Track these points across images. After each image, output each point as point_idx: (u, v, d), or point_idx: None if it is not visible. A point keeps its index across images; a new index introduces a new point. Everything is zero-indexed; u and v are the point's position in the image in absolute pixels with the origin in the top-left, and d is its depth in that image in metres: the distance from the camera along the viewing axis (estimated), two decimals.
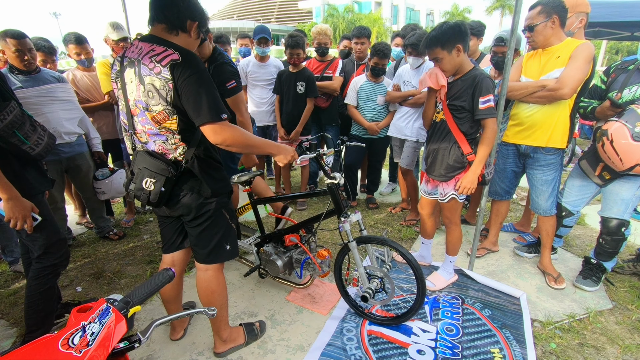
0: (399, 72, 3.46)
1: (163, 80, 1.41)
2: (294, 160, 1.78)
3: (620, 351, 2.03)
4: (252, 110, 3.88)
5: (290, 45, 3.41)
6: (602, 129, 2.18)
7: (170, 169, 1.51)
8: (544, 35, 2.30)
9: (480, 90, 2.04)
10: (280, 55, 5.21)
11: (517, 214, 3.87)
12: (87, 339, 0.77)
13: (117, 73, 1.58)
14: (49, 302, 1.98)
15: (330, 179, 2.04)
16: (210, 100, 1.42)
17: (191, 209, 1.64)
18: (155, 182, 1.52)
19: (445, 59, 2.09)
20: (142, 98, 1.47)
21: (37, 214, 1.80)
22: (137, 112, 1.54)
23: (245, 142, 1.55)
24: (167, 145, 1.55)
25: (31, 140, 1.84)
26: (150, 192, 1.54)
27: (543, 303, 2.43)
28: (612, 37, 6.77)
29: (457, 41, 2.03)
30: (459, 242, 2.49)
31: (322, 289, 2.54)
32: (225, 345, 1.96)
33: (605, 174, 2.35)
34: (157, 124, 1.49)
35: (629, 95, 2.24)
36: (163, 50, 1.42)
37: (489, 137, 2.11)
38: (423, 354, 1.97)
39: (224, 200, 1.74)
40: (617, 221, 2.40)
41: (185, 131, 1.52)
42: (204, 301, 1.83)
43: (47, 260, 1.92)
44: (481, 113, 2.07)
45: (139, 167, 1.56)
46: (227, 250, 1.79)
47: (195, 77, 1.40)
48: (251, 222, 3.42)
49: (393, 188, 4.56)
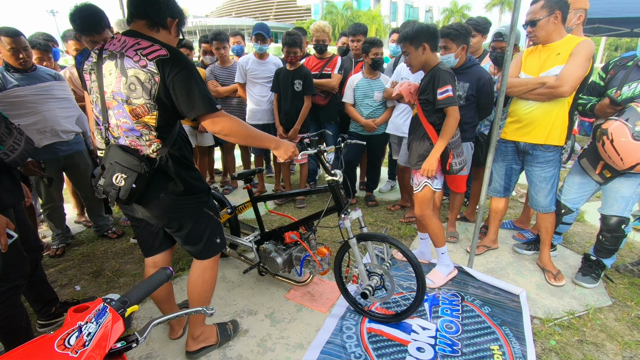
0: (397, 69, 3.45)
1: (149, 74, 1.41)
2: (294, 157, 1.78)
3: (619, 348, 2.03)
4: (251, 108, 3.87)
5: (287, 43, 3.40)
6: (602, 128, 2.17)
7: (144, 165, 1.47)
8: (546, 30, 2.28)
9: (437, 82, 2.22)
10: (279, 53, 5.19)
11: (517, 210, 3.87)
12: (84, 340, 0.76)
13: (92, 65, 1.55)
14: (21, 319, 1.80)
15: (331, 175, 2.04)
16: (203, 93, 1.45)
17: (165, 209, 1.61)
18: (126, 177, 1.47)
19: (412, 54, 2.29)
20: (123, 90, 1.45)
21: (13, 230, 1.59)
22: (114, 105, 1.50)
23: (243, 132, 1.57)
24: (140, 142, 1.53)
25: (6, 145, 1.68)
26: (121, 188, 1.49)
27: (542, 300, 2.43)
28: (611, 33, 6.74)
29: (424, 40, 2.22)
30: (440, 232, 2.52)
31: (322, 287, 2.53)
32: (197, 344, 1.94)
33: (605, 172, 2.34)
34: (135, 118, 1.48)
35: (629, 92, 2.23)
36: (149, 44, 1.44)
37: (448, 124, 2.24)
38: (423, 351, 1.97)
39: (203, 199, 1.73)
40: (617, 218, 2.40)
41: (163, 128, 1.52)
42: (191, 288, 1.83)
43: (7, 282, 1.69)
44: (440, 103, 2.23)
45: (110, 162, 1.51)
46: (217, 243, 1.82)
47: (185, 72, 1.42)
48: (251, 219, 3.41)
49: (392, 185, 4.55)
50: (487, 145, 2.93)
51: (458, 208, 3.22)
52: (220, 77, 3.99)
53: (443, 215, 3.61)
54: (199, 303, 1.85)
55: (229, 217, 2.65)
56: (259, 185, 4.31)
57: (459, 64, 2.78)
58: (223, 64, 4.00)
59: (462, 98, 2.81)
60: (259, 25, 3.74)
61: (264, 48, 3.72)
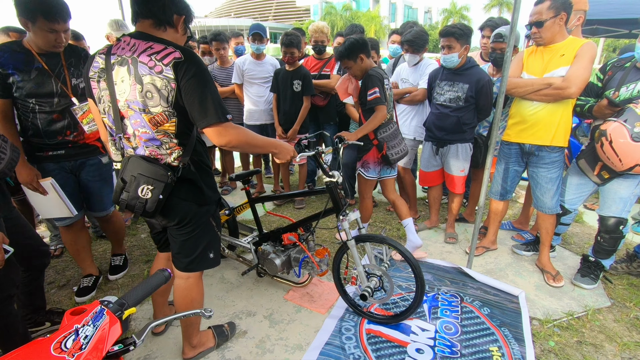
0: (397, 70, 3.45)
1: (165, 80, 1.35)
2: (292, 159, 1.77)
3: (618, 349, 2.03)
4: (249, 108, 3.87)
5: (285, 43, 3.40)
6: (601, 129, 2.17)
7: (170, 175, 1.42)
8: (552, 31, 2.28)
9: (366, 85, 2.53)
10: (278, 54, 5.18)
11: (515, 211, 3.87)
12: (81, 343, 0.76)
13: (100, 71, 1.46)
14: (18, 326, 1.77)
15: (329, 177, 2.03)
16: (216, 101, 1.38)
17: (186, 218, 1.58)
18: (153, 189, 1.42)
19: (353, 67, 2.57)
20: (139, 99, 1.38)
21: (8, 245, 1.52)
22: (130, 114, 1.43)
23: (249, 142, 1.52)
24: (160, 151, 1.47)
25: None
26: (147, 200, 1.42)
27: (542, 301, 2.43)
28: (609, 34, 6.75)
29: (359, 52, 2.51)
30: (366, 213, 2.95)
31: (321, 288, 2.53)
32: (194, 351, 1.92)
33: (604, 174, 2.34)
34: (155, 127, 1.42)
35: (627, 93, 2.23)
36: (163, 48, 1.36)
37: (375, 117, 2.53)
38: (422, 352, 1.97)
39: (213, 207, 1.70)
40: (615, 219, 2.40)
41: (183, 134, 1.47)
42: (182, 310, 1.74)
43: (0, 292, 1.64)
44: (369, 103, 2.52)
45: (132, 174, 1.44)
46: (210, 258, 1.73)
47: (199, 76, 1.35)
48: (250, 220, 3.41)
49: None
50: (486, 146, 2.93)
51: (457, 209, 3.22)
52: (220, 78, 3.98)
53: (442, 216, 3.61)
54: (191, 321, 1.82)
55: (227, 219, 2.65)
56: (257, 185, 4.30)
57: (459, 64, 2.78)
58: (222, 64, 4.00)
59: (462, 99, 2.81)
60: (255, 25, 3.76)
61: (261, 48, 3.73)
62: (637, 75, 2.22)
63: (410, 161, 3.45)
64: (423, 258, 2.90)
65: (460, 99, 2.81)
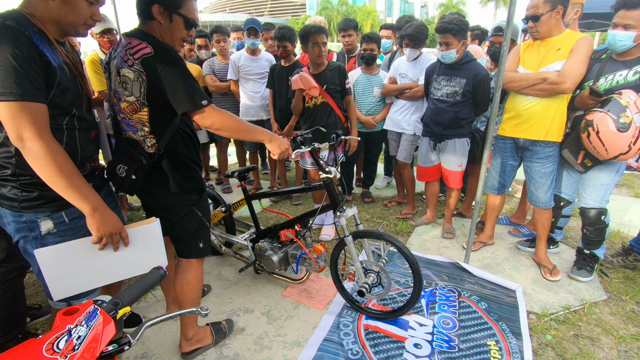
0: (394, 65, 3.42)
1: (136, 72, 1.45)
2: (288, 155, 1.76)
3: (614, 342, 2.04)
4: (244, 104, 3.83)
5: (277, 37, 3.37)
6: (587, 119, 2.18)
7: (142, 159, 1.55)
8: (548, 25, 2.27)
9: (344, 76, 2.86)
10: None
11: (512, 206, 3.88)
12: (74, 343, 0.74)
13: (105, 65, 1.64)
14: (20, 303, 1.90)
15: (326, 173, 2.02)
16: (189, 89, 1.46)
17: (165, 206, 1.69)
18: (127, 169, 1.57)
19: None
20: (118, 89, 1.53)
21: None
22: (114, 102, 1.60)
23: (234, 125, 1.59)
24: (136, 137, 1.59)
25: None
26: (122, 178, 1.59)
27: (538, 295, 2.44)
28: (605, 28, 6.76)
29: None
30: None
31: (319, 284, 2.52)
32: (190, 345, 1.92)
33: (587, 162, 2.36)
34: (130, 114, 1.55)
35: (605, 84, 2.24)
36: (138, 43, 1.47)
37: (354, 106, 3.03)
38: (420, 347, 1.97)
39: (193, 198, 1.73)
40: (595, 210, 2.43)
41: (154, 124, 1.55)
42: (177, 290, 1.84)
43: (12, 262, 1.78)
44: (347, 92, 2.90)
45: (116, 155, 1.63)
46: (200, 247, 1.81)
47: (170, 68, 1.44)
48: (247, 217, 3.39)
49: (388, 182, 4.55)
50: (483, 141, 2.93)
51: (454, 204, 3.22)
52: (219, 73, 3.92)
53: (439, 211, 3.61)
54: (186, 305, 1.84)
55: (224, 215, 2.63)
56: (254, 182, 4.28)
57: (457, 59, 2.77)
58: (223, 58, 3.95)
59: (459, 94, 2.80)
60: (250, 20, 3.71)
61: (256, 43, 3.69)
62: (615, 66, 2.22)
63: (410, 156, 3.44)
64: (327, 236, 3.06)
65: (458, 94, 2.79)
